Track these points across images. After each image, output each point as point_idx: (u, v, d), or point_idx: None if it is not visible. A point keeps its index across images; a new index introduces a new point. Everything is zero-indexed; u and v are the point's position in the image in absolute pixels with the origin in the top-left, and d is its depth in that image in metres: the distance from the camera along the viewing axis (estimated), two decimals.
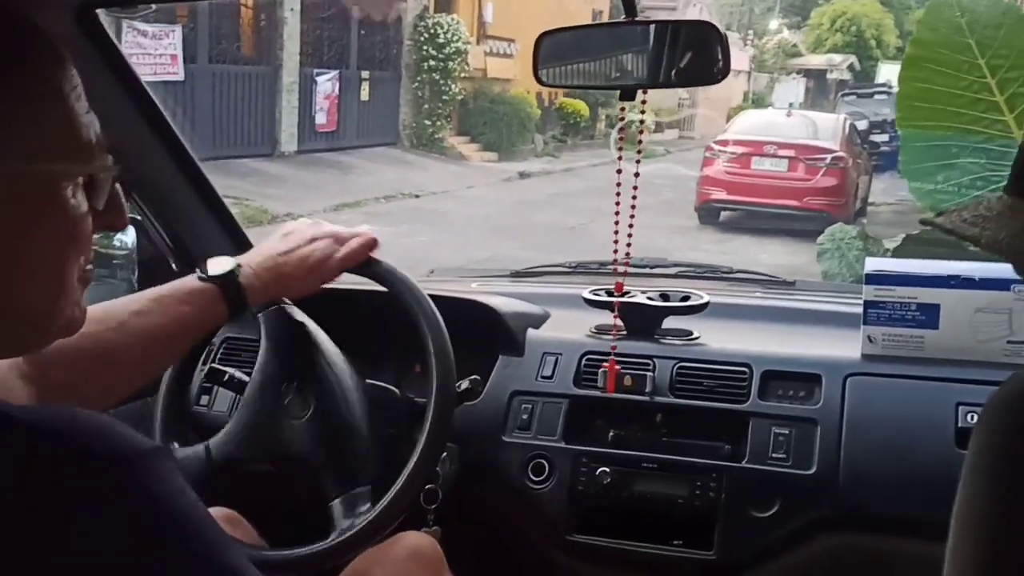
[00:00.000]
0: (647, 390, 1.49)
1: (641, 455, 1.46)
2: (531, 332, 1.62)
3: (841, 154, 10.77)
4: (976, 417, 1.26)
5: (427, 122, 15.23)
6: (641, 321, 1.59)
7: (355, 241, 1.26)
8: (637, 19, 1.26)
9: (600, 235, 1.37)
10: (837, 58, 29.77)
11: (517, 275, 2.03)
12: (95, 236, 0.74)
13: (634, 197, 1.41)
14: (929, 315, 1.48)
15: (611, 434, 1.49)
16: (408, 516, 1.27)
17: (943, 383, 1.43)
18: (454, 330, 1.31)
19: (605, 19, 10.50)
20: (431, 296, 1.32)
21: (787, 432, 1.42)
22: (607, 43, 1.34)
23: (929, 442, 1.37)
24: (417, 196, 11.87)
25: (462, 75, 15.54)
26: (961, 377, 1.43)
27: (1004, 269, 1.33)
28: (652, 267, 1.90)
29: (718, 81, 1.30)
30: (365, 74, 14.51)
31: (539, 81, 1.34)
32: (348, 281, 1.37)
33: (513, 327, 1.60)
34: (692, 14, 24.53)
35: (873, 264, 1.53)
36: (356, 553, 1.23)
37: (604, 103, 18.57)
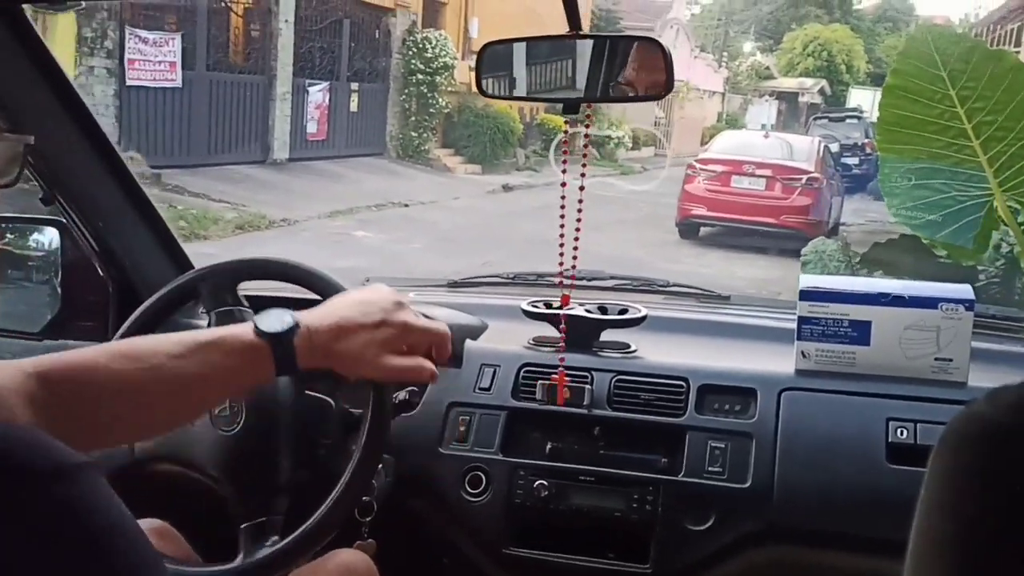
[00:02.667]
0: (585, 403, 1.48)
1: (578, 468, 1.45)
2: (469, 343, 1.59)
3: (816, 175, 11.25)
4: (906, 432, 1.37)
5: (414, 134, 15.55)
6: (579, 333, 1.57)
7: (416, 362, 1.09)
8: (580, 32, 1.24)
9: (585, 247, 1.35)
10: (808, 82, 30.45)
11: (454, 285, 2.00)
12: (9, 238, 0.79)
13: (579, 211, 1.37)
14: (861, 332, 1.49)
15: (548, 447, 1.47)
16: (342, 529, 1.24)
17: (874, 399, 1.43)
18: None
19: None
20: None
21: (723, 446, 1.42)
22: (550, 55, 1.31)
23: (861, 457, 1.37)
24: (406, 205, 12.13)
25: (448, 89, 15.89)
26: (891, 393, 1.44)
27: (933, 288, 1.51)
28: (589, 279, 1.85)
29: (661, 97, 1.29)
30: (355, 86, 14.81)
31: (481, 91, 1.33)
32: (277, 288, 1.39)
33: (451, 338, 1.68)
34: (669, 35, 25.06)
35: (807, 281, 1.54)
36: (287, 568, 1.18)
37: (583, 120, 18.96)
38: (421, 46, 15.35)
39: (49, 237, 1.64)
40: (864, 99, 24.46)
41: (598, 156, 19.44)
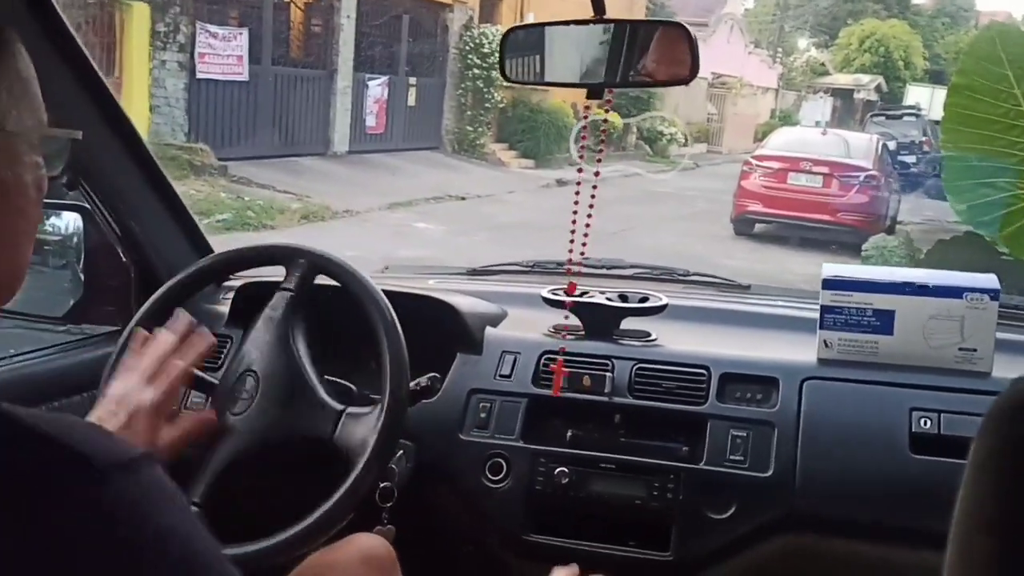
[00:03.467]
0: (606, 391, 1.47)
1: (599, 455, 1.44)
2: (489, 330, 1.59)
3: (874, 172, 11.22)
4: (930, 423, 1.37)
5: (469, 128, 15.75)
6: (600, 321, 1.57)
7: (193, 419, 1.19)
8: (605, 17, 1.22)
9: (641, 241, 1.37)
10: (864, 78, 29.99)
11: (474, 273, 1.99)
12: None
13: (592, 197, 1.37)
14: (884, 321, 1.47)
15: (569, 434, 1.47)
16: (362, 514, 1.25)
17: (897, 388, 1.42)
18: (412, 327, 1.29)
19: None
20: (388, 292, 1.31)
21: (744, 434, 1.41)
22: (574, 41, 1.29)
23: (883, 446, 1.37)
24: (463, 198, 12.30)
25: (503, 84, 16.05)
26: (914, 383, 1.42)
27: (957, 277, 1.49)
28: (609, 268, 1.86)
29: (686, 83, 1.27)
30: (412, 80, 15.04)
31: (504, 76, 1.32)
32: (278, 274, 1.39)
33: (472, 325, 1.57)
34: (723, 30, 24.94)
35: (830, 270, 1.52)
36: (304, 551, 1.20)
37: (635, 115, 19.02)
38: (478, 41, 15.52)
39: (72, 222, 1.63)
40: (922, 96, 24.09)
41: (650, 152, 19.47)
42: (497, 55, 1.36)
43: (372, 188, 11.77)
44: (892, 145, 14.89)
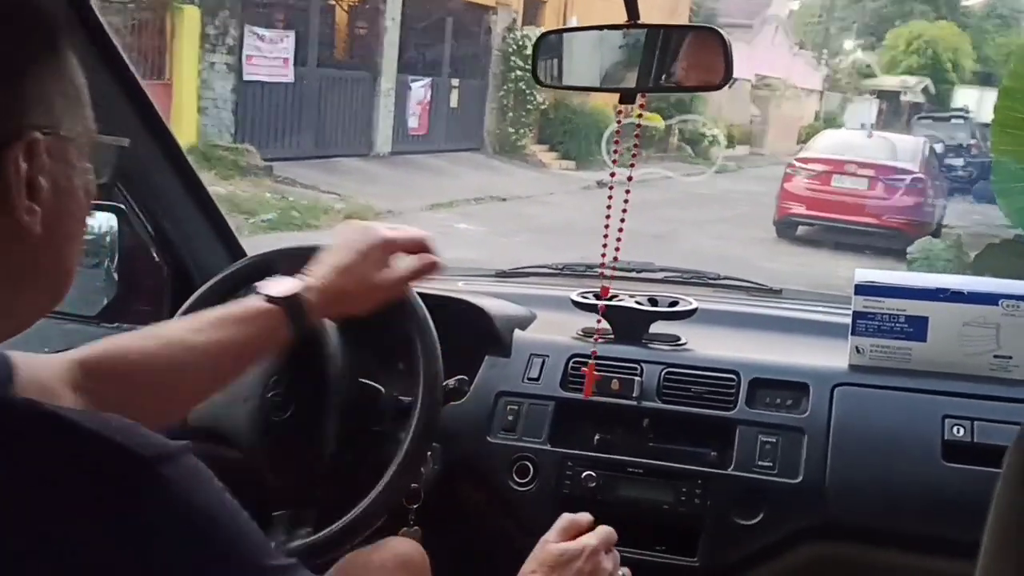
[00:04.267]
0: (634, 394, 1.47)
1: (627, 460, 1.43)
2: (518, 333, 1.59)
3: (920, 175, 11.09)
4: (963, 431, 1.34)
5: (511, 130, 15.80)
6: (629, 325, 1.57)
7: (414, 259, 1.19)
8: (639, 22, 1.21)
9: (686, 244, 1.34)
10: (911, 80, 29.55)
11: (503, 275, 1.97)
12: None
13: (626, 201, 1.36)
14: (917, 327, 1.46)
15: (597, 438, 1.46)
16: (389, 515, 1.25)
17: (930, 395, 1.40)
18: (441, 329, 1.29)
19: None
20: (418, 294, 1.31)
21: (774, 440, 1.40)
22: (606, 45, 1.29)
23: (916, 455, 1.35)
24: (504, 200, 12.36)
25: None
26: (948, 390, 1.40)
27: (993, 283, 1.47)
28: (639, 271, 1.84)
29: (719, 88, 1.26)
30: (455, 82, 15.15)
31: (537, 80, 1.33)
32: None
33: (500, 328, 1.57)
34: (768, 32, 24.71)
35: (863, 275, 1.49)
36: (340, 550, 1.20)
37: (677, 117, 18.96)
38: (521, 43, 15.56)
39: (108, 222, 1.63)
40: (970, 99, 23.71)
41: (692, 154, 19.37)
42: None
43: (414, 189, 11.86)
44: (939, 148, 14.70)
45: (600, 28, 1.29)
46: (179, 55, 10.58)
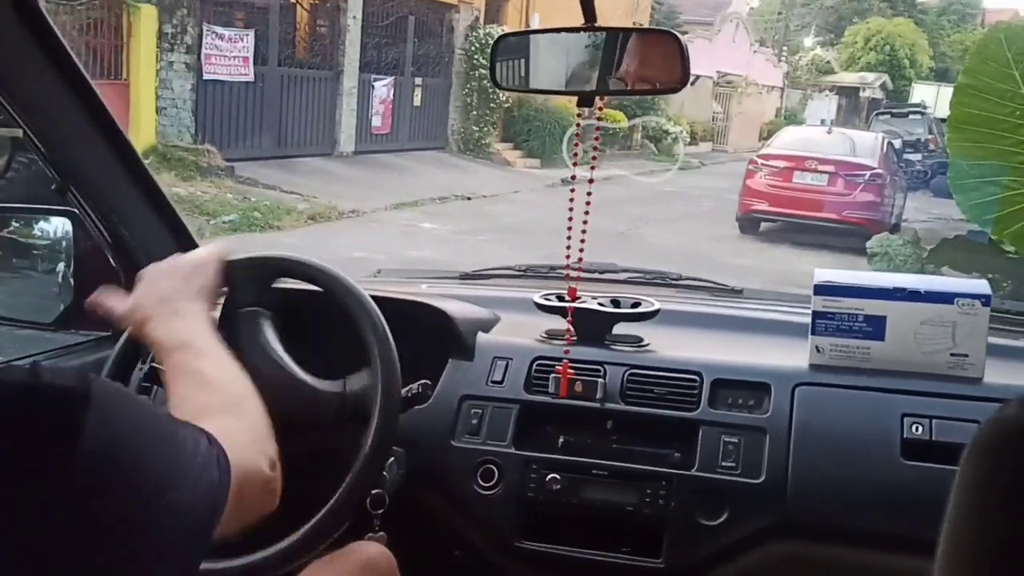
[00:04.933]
0: (598, 396, 1.47)
1: (591, 462, 1.44)
2: (481, 336, 1.58)
3: (880, 171, 11.21)
4: (922, 429, 1.36)
5: (475, 128, 15.78)
6: (592, 327, 1.56)
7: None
8: (596, 25, 1.22)
9: (650, 240, 1.35)
10: (870, 76, 29.96)
11: (466, 277, 1.98)
12: (15, 226, 0.76)
13: (588, 203, 1.37)
14: (876, 327, 1.47)
15: (561, 440, 1.46)
16: (354, 521, 1.24)
17: (889, 394, 1.42)
18: (403, 333, 1.28)
19: None
20: (380, 298, 1.30)
21: (736, 440, 1.40)
22: (564, 48, 1.29)
23: (875, 453, 1.36)
24: (469, 198, 12.33)
25: None
26: (907, 388, 1.42)
27: (949, 282, 1.51)
28: (601, 272, 1.83)
29: (677, 91, 1.26)
30: (418, 80, 15.09)
31: (495, 83, 1.33)
32: (286, 282, 1.38)
33: (463, 331, 1.56)
34: (728, 29, 24.93)
35: (821, 275, 1.50)
36: (303, 560, 1.19)
37: (640, 115, 19.05)
38: (483, 42, 15.51)
39: (62, 227, 1.61)
40: (927, 95, 24.05)
41: (655, 151, 19.48)
42: None
43: (378, 188, 11.81)
44: (898, 143, 14.90)
45: (557, 31, 1.29)
46: (136, 54, 10.41)
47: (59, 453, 0.60)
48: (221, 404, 0.94)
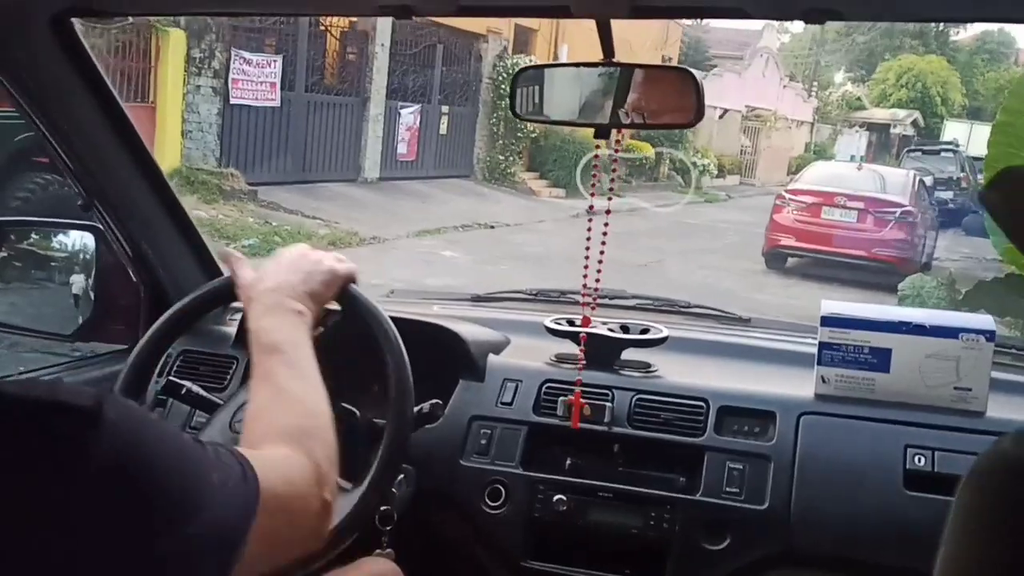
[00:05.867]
0: (605, 420, 1.49)
1: (597, 484, 1.45)
2: (492, 358, 1.61)
3: (910, 208, 11.01)
4: (924, 460, 1.38)
5: (500, 157, 15.77)
6: (601, 352, 1.57)
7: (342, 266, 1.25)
8: (614, 60, 1.25)
9: (672, 275, 1.36)
10: (901, 113, 29.76)
11: (478, 300, 2.01)
12: (34, 238, 0.78)
13: (604, 234, 1.41)
14: (881, 359, 1.49)
15: (568, 462, 1.49)
16: (362, 538, 1.25)
17: (893, 425, 1.44)
18: (416, 353, 1.30)
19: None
20: (393, 318, 1.32)
21: (741, 467, 1.42)
22: (584, 81, 1.32)
23: (878, 483, 1.38)
24: (492, 227, 12.29)
25: None
26: (910, 420, 1.44)
27: (953, 317, 1.53)
28: (611, 298, 1.85)
29: (690, 127, 1.32)
30: (445, 109, 15.12)
31: (515, 114, 1.37)
32: None
33: (475, 352, 1.59)
34: (758, 64, 24.86)
35: (829, 307, 1.53)
36: (314, 569, 1.18)
37: (667, 146, 18.97)
38: (511, 71, 15.53)
39: (85, 241, 1.67)
40: (960, 132, 23.84)
41: (682, 183, 19.36)
42: None
43: (401, 215, 11.79)
44: (929, 181, 14.71)
45: (577, 65, 1.33)
46: (164, 78, 10.48)
47: (71, 473, 0.60)
48: (289, 432, 0.92)
